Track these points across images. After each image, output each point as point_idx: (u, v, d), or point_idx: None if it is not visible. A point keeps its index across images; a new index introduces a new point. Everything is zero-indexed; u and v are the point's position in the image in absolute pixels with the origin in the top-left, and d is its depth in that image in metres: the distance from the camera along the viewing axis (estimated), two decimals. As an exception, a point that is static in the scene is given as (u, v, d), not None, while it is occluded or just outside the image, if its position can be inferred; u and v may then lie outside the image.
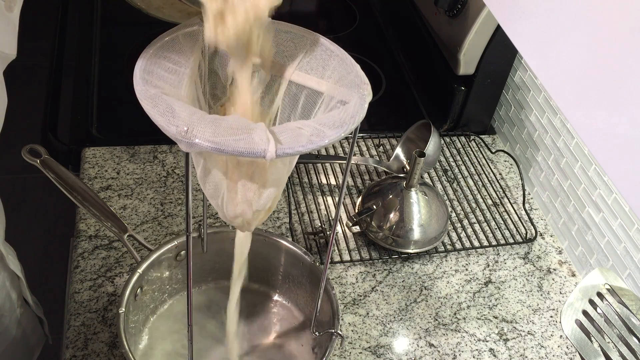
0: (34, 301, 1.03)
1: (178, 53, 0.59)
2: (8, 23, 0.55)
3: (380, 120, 1.27)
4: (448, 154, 1.22)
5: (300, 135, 0.52)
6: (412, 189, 1.01)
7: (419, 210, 1.01)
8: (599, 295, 0.80)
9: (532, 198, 1.17)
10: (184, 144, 0.49)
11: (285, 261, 0.88)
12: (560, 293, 1.02)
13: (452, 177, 1.18)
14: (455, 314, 0.97)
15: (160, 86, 0.55)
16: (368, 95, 0.57)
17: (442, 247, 1.05)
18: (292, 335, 0.88)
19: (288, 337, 0.88)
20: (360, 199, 1.06)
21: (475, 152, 1.23)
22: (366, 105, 0.57)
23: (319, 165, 1.15)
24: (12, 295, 0.95)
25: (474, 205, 1.13)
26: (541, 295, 1.01)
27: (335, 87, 0.60)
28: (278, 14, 0.61)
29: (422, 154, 0.97)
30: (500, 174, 1.20)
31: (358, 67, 0.60)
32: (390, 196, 1.02)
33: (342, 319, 0.93)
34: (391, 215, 1.01)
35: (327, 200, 1.10)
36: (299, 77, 0.63)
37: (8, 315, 0.95)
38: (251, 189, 0.60)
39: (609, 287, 0.80)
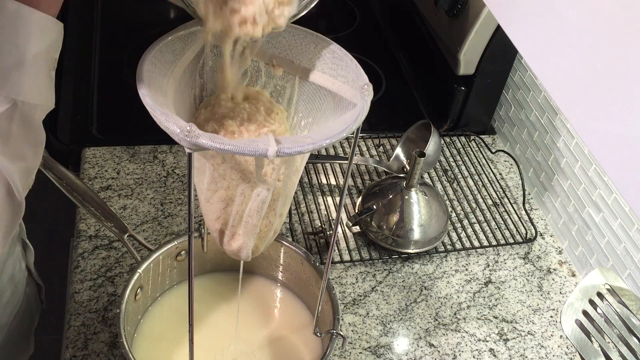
0: (34, 268, 1.03)
1: (176, 53, 0.59)
2: (51, 80, 0.62)
3: (380, 120, 1.26)
4: (448, 154, 1.22)
5: (302, 140, 0.52)
6: (412, 189, 1.01)
7: (419, 210, 1.01)
8: (599, 295, 0.80)
9: (532, 198, 1.17)
10: (187, 143, 0.49)
11: (285, 261, 0.88)
12: (560, 293, 1.02)
13: (452, 177, 1.18)
14: (455, 314, 0.97)
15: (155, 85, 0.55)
16: (369, 96, 0.57)
17: (442, 247, 1.05)
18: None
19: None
20: (360, 199, 1.06)
21: (475, 152, 1.23)
22: (368, 106, 0.57)
23: (319, 165, 1.15)
24: (22, 265, 0.95)
25: (474, 205, 1.13)
26: (541, 295, 1.01)
27: (337, 87, 0.60)
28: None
29: (422, 154, 0.97)
30: (500, 174, 1.20)
31: (359, 67, 0.60)
32: (390, 196, 1.02)
33: (342, 319, 0.93)
34: (391, 215, 1.01)
35: (327, 201, 1.10)
36: (300, 76, 0.63)
37: (21, 283, 0.95)
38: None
39: (609, 287, 0.80)
